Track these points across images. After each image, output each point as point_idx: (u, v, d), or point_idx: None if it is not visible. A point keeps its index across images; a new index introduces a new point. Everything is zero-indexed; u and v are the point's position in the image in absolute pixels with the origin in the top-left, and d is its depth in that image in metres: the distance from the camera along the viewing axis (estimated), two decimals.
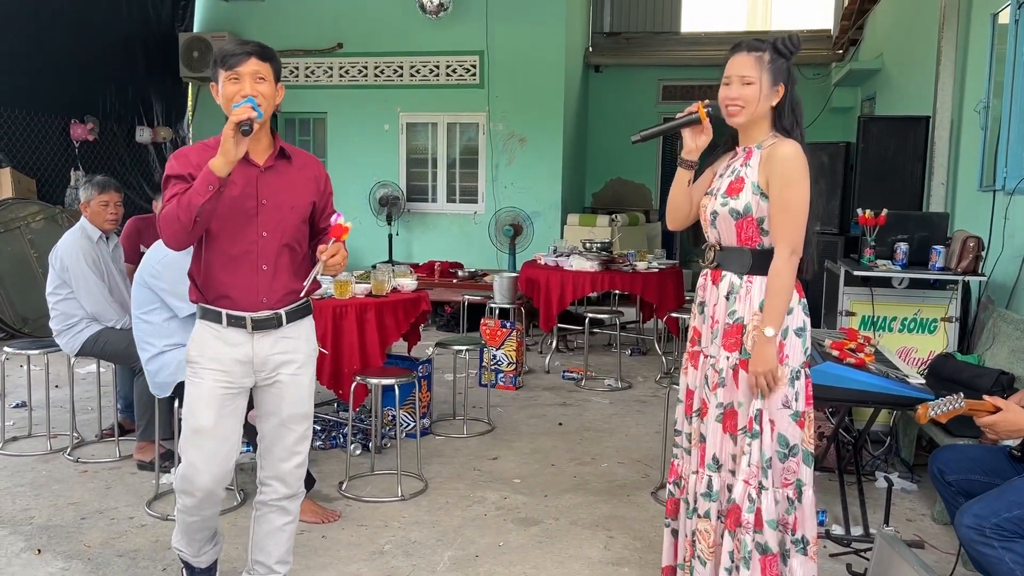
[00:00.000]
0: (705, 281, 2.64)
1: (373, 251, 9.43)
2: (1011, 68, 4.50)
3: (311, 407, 2.60)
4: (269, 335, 2.45)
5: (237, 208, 2.36)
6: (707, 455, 2.55)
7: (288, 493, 2.59)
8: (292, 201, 2.44)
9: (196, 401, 2.44)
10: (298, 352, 2.52)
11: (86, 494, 3.74)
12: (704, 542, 2.54)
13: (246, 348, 2.43)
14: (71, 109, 8.51)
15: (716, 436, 2.54)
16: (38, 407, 4.75)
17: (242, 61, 2.32)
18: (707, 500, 2.54)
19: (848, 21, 8.98)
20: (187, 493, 2.48)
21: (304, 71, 9.91)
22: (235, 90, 2.32)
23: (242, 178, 2.36)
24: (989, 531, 2.31)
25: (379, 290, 4.37)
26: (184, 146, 2.54)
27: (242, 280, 2.41)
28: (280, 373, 2.49)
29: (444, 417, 5.02)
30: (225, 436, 2.46)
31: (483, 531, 3.41)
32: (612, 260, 6.43)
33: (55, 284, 4.04)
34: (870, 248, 4.29)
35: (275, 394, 2.51)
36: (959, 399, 2.44)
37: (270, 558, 2.65)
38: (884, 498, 3.38)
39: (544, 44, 9.26)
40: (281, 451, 2.54)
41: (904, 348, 4.39)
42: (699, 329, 2.65)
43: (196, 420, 2.44)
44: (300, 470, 2.60)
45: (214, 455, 2.44)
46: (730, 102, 2.47)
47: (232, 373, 2.44)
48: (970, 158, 5.21)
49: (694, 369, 2.65)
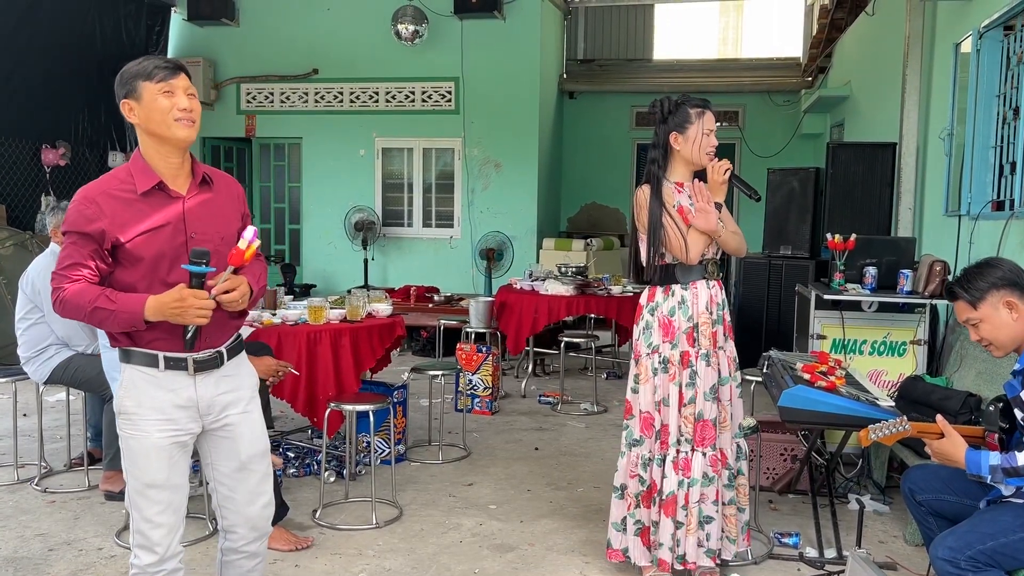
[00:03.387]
0: (717, 291, 3.13)
1: (349, 276, 9.41)
2: (973, 96, 4.61)
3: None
4: (211, 375, 2.25)
5: (166, 247, 2.16)
6: (733, 427, 3.16)
7: (255, 537, 2.40)
8: (221, 231, 2.25)
9: (142, 457, 2.20)
10: (242, 388, 2.34)
11: (54, 525, 3.67)
12: (742, 494, 3.18)
13: (188, 392, 2.21)
14: (42, 134, 8.44)
15: (740, 408, 3.20)
16: (5, 436, 4.67)
17: (176, 75, 2.17)
18: (739, 460, 3.19)
19: (816, 49, 9.16)
20: (146, 549, 2.22)
21: (279, 96, 9.93)
22: (169, 104, 2.14)
23: (167, 212, 2.17)
24: (964, 563, 2.34)
25: (354, 315, 4.36)
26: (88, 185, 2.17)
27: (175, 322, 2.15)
28: (228, 414, 2.29)
29: (420, 443, 4.99)
30: (178, 484, 2.25)
31: (458, 558, 3.39)
32: (587, 284, 6.47)
33: (26, 309, 3.99)
34: (839, 272, 4.36)
35: (228, 437, 2.31)
36: (903, 423, 2.49)
37: None
38: (856, 520, 3.41)
39: (519, 70, 9.36)
40: (245, 495, 2.34)
41: (874, 371, 4.45)
42: (716, 332, 3.11)
43: (147, 476, 2.20)
44: (268, 510, 2.41)
45: (169, 505, 2.23)
46: (713, 148, 3.10)
47: (177, 420, 2.21)
48: (936, 184, 5.32)
49: (712, 371, 3.07)
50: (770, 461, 4.26)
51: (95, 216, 2.10)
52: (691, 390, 3.03)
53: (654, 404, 3.08)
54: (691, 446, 3.04)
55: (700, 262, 3.08)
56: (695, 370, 3.03)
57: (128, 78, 2.17)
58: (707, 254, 3.10)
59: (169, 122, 2.15)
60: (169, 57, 2.22)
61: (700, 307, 3.07)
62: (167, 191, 2.19)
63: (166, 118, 2.15)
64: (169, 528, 2.23)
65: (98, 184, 2.17)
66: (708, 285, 3.09)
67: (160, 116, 2.15)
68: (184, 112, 2.17)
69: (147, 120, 2.16)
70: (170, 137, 2.17)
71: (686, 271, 3.07)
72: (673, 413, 3.04)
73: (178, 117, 2.16)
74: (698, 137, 3.05)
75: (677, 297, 3.07)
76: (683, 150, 3.08)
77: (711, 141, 3.06)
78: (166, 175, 2.20)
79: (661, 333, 3.08)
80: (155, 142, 2.19)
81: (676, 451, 3.04)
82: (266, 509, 2.40)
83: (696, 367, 3.04)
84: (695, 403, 3.03)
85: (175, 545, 2.26)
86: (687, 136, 3.06)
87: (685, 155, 3.09)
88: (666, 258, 3.09)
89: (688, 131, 3.05)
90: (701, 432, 3.03)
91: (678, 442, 3.04)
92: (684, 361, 3.05)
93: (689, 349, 3.05)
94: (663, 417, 3.06)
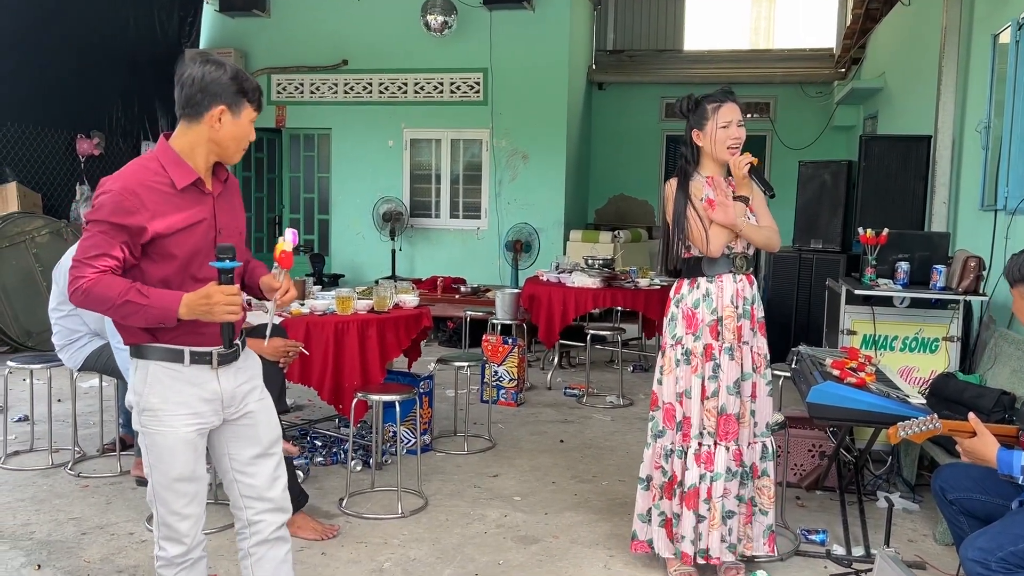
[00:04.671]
0: (744, 285, 3.10)
1: (376, 266, 9.46)
2: (1012, 88, 4.51)
3: (280, 427, 2.48)
4: (231, 368, 2.27)
5: (202, 242, 2.17)
6: (759, 425, 3.12)
7: (284, 518, 2.43)
8: (238, 225, 2.33)
9: (169, 452, 2.20)
10: (256, 377, 2.38)
11: (87, 509, 3.74)
12: (765, 495, 3.13)
13: (212, 385, 2.23)
14: (77, 124, 8.58)
15: (768, 407, 3.16)
16: (40, 421, 4.76)
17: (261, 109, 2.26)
18: (764, 460, 3.13)
19: (850, 40, 9.02)
20: (174, 541, 2.25)
21: (309, 87, 9.98)
22: (249, 132, 2.22)
23: (202, 209, 2.20)
24: (995, 564, 2.31)
25: (381, 306, 4.38)
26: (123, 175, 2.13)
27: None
28: (248, 403, 2.33)
29: (445, 433, 5.02)
30: (202, 476, 2.28)
31: (483, 549, 3.41)
32: (614, 277, 6.44)
33: (58, 300, 4.05)
34: (871, 267, 4.30)
35: (250, 424, 2.34)
36: (934, 420, 2.46)
37: None
38: (885, 518, 3.37)
39: (547, 61, 9.32)
40: (265, 480, 2.36)
41: (905, 367, 4.39)
42: (742, 327, 3.08)
43: (174, 470, 2.20)
44: (287, 492, 2.44)
45: (195, 497, 2.26)
46: (734, 141, 3.05)
47: (203, 414, 2.23)
48: (971, 177, 5.22)
49: (736, 365, 3.05)
50: (798, 457, 4.22)
51: (135, 209, 2.07)
52: (714, 383, 3.02)
53: (676, 396, 3.08)
54: (714, 440, 3.02)
55: (728, 256, 3.06)
56: (718, 363, 3.02)
57: (235, 90, 2.17)
58: (735, 248, 3.09)
59: (242, 148, 2.26)
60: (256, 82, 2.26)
61: (725, 300, 3.05)
62: (202, 188, 2.21)
63: (244, 145, 2.25)
64: (196, 519, 2.26)
65: (134, 175, 2.13)
66: (735, 279, 3.07)
67: (242, 141, 2.23)
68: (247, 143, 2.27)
69: (229, 136, 2.19)
70: (232, 159, 2.27)
71: (712, 264, 3.06)
72: (695, 406, 3.03)
73: (244, 147, 2.26)
74: (713, 132, 3.05)
75: (702, 290, 3.07)
76: (705, 146, 3.09)
77: (729, 133, 3.03)
78: (202, 172, 2.22)
79: (684, 325, 3.08)
80: (214, 150, 2.21)
81: (699, 444, 3.03)
82: (286, 491, 2.43)
83: (719, 360, 3.02)
84: (718, 396, 3.02)
85: (199, 534, 2.29)
86: (705, 132, 3.08)
87: (707, 151, 3.09)
88: (692, 251, 3.09)
89: (705, 127, 3.07)
90: (724, 426, 3.01)
91: (700, 435, 3.04)
92: (707, 354, 3.04)
93: (712, 342, 3.03)
94: (684, 409, 3.06)
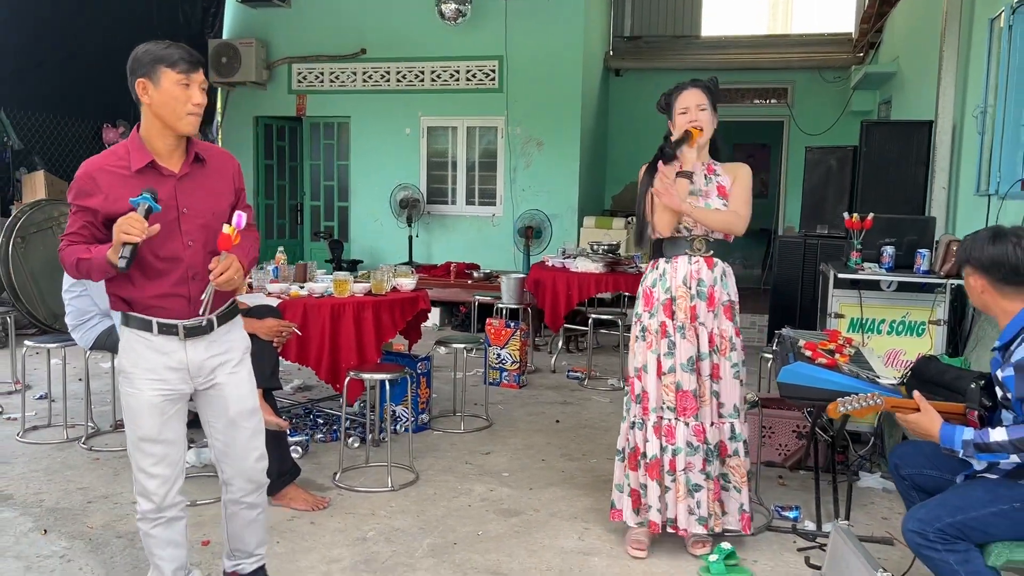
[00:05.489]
0: (700, 267, 3.19)
1: (394, 252, 9.63)
2: (1004, 73, 4.52)
3: (256, 401, 2.60)
4: (202, 340, 2.43)
5: (158, 221, 2.27)
6: (726, 406, 3.19)
7: (252, 489, 2.61)
8: (212, 207, 2.42)
9: (137, 413, 2.40)
10: (233, 351, 2.51)
11: (95, 480, 3.95)
12: (738, 474, 3.22)
13: (179, 355, 2.40)
14: (103, 113, 8.85)
15: (735, 390, 3.21)
16: (60, 399, 5.00)
17: (196, 69, 2.32)
18: (733, 441, 3.22)
19: (867, 24, 8.96)
20: (144, 497, 2.45)
21: (329, 76, 10.15)
22: (185, 96, 2.29)
23: (160, 190, 2.30)
24: (932, 535, 2.39)
25: (378, 289, 4.53)
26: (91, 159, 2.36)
27: (172, 289, 2.37)
28: (216, 375, 2.47)
29: (445, 413, 5.17)
30: (170, 440, 2.44)
31: (464, 521, 3.55)
32: (618, 262, 6.53)
33: (70, 282, 4.26)
34: (856, 251, 4.35)
35: (217, 396, 2.49)
36: (876, 396, 2.54)
37: (248, 546, 2.73)
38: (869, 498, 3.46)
39: (562, 48, 9.38)
40: (237, 450, 2.54)
41: (893, 351, 4.44)
42: (696, 307, 3.17)
43: (140, 430, 2.40)
44: (260, 463, 2.60)
45: (163, 459, 2.43)
46: (692, 124, 3.16)
47: (168, 380, 2.40)
48: (970, 163, 5.22)
49: (689, 344, 3.15)
50: (782, 437, 4.31)
51: (91, 191, 2.30)
52: (670, 360, 3.15)
53: (635, 370, 3.24)
54: (674, 415, 3.14)
55: (687, 238, 3.19)
56: (673, 341, 3.15)
57: (149, 60, 2.29)
58: (695, 230, 3.20)
59: (181, 114, 2.31)
60: (186, 47, 2.37)
61: (678, 281, 3.19)
62: (159, 169, 2.35)
63: (179, 109, 2.30)
64: (163, 480, 2.43)
65: (98, 160, 2.35)
66: (690, 260, 3.19)
67: (173, 105, 2.29)
68: (196, 107, 2.32)
69: (159, 105, 2.30)
70: (177, 127, 2.33)
71: (672, 246, 3.21)
72: (652, 380, 3.18)
73: (190, 111, 2.32)
74: (675, 120, 3.23)
75: (659, 270, 3.23)
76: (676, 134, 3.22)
77: (688, 118, 3.18)
78: (161, 154, 2.35)
79: (643, 303, 3.25)
80: (159, 125, 2.33)
81: (658, 417, 3.17)
82: (259, 463, 2.60)
83: (674, 338, 3.14)
84: (674, 373, 3.14)
85: (172, 495, 2.47)
86: (673, 121, 3.26)
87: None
88: (656, 233, 3.21)
89: (673, 117, 3.26)
90: (682, 402, 3.13)
91: (661, 409, 3.17)
92: (663, 331, 3.18)
93: (667, 320, 3.17)
94: (643, 384, 3.20)
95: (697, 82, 3.25)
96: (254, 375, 2.63)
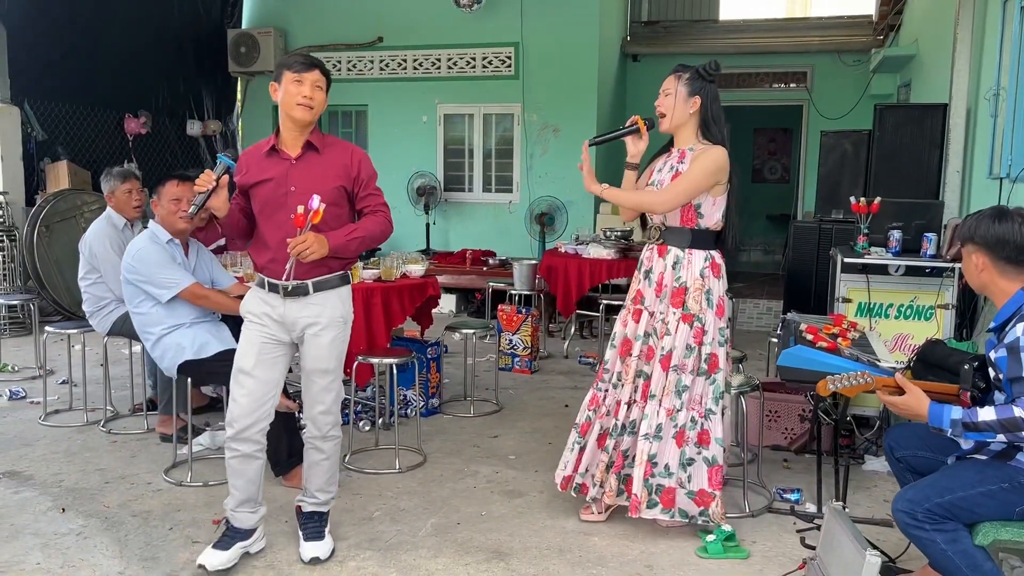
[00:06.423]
0: (652, 254, 3.33)
1: (412, 239, 9.69)
2: (1017, 54, 4.48)
3: (331, 364, 2.95)
4: (298, 301, 2.89)
5: (271, 195, 2.85)
6: (651, 388, 3.22)
7: (317, 434, 3.00)
8: (318, 187, 2.81)
9: (241, 347, 2.92)
10: (322, 316, 2.91)
11: (113, 461, 4.07)
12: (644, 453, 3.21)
13: (280, 309, 2.90)
14: (126, 104, 9.00)
15: (664, 375, 3.22)
16: (80, 383, 5.12)
17: (309, 70, 2.82)
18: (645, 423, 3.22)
19: (887, 5, 8.86)
20: (229, 424, 2.91)
21: (346, 64, 10.21)
22: (296, 91, 2.79)
23: (277, 169, 2.85)
24: (920, 515, 2.42)
25: (388, 276, 4.60)
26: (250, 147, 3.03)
27: (278, 255, 2.84)
28: (306, 333, 2.92)
29: (456, 398, 5.24)
30: (261, 378, 2.88)
31: (469, 501, 3.62)
32: (630, 248, 6.54)
33: (85, 270, 4.37)
34: (863, 235, 4.34)
35: (303, 350, 2.95)
36: (866, 375, 2.55)
37: (311, 485, 3.07)
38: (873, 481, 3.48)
39: (578, 34, 9.37)
40: (309, 399, 2.99)
41: (900, 335, 4.44)
42: (642, 291, 3.33)
43: (239, 362, 2.90)
44: (325, 417, 2.98)
45: (251, 393, 2.87)
46: (656, 110, 3.30)
47: (269, 327, 2.90)
48: (983, 146, 5.18)
49: (634, 323, 3.31)
50: (788, 421, 4.33)
51: (240, 170, 2.92)
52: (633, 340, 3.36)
53: None
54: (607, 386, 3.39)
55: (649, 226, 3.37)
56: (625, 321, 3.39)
57: (277, 66, 2.89)
58: (655, 219, 3.34)
59: (292, 104, 2.82)
60: (306, 55, 2.96)
61: (642, 267, 3.38)
62: (280, 153, 2.89)
63: (291, 101, 2.81)
64: (245, 410, 2.87)
65: (250, 147, 3.00)
66: (648, 248, 3.37)
67: (288, 99, 2.82)
68: (305, 99, 2.81)
69: (280, 99, 2.85)
70: (291, 114, 2.84)
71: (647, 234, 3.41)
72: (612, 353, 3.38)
73: (299, 102, 2.81)
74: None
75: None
76: None
77: (658, 101, 3.30)
78: (286, 142, 2.89)
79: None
80: (283, 116, 2.87)
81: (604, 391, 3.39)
82: (323, 416, 2.98)
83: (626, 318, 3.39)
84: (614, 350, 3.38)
85: (251, 432, 2.89)
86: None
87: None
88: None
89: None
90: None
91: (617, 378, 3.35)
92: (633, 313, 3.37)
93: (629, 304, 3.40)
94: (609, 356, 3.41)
95: (678, 67, 3.30)
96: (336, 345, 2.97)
